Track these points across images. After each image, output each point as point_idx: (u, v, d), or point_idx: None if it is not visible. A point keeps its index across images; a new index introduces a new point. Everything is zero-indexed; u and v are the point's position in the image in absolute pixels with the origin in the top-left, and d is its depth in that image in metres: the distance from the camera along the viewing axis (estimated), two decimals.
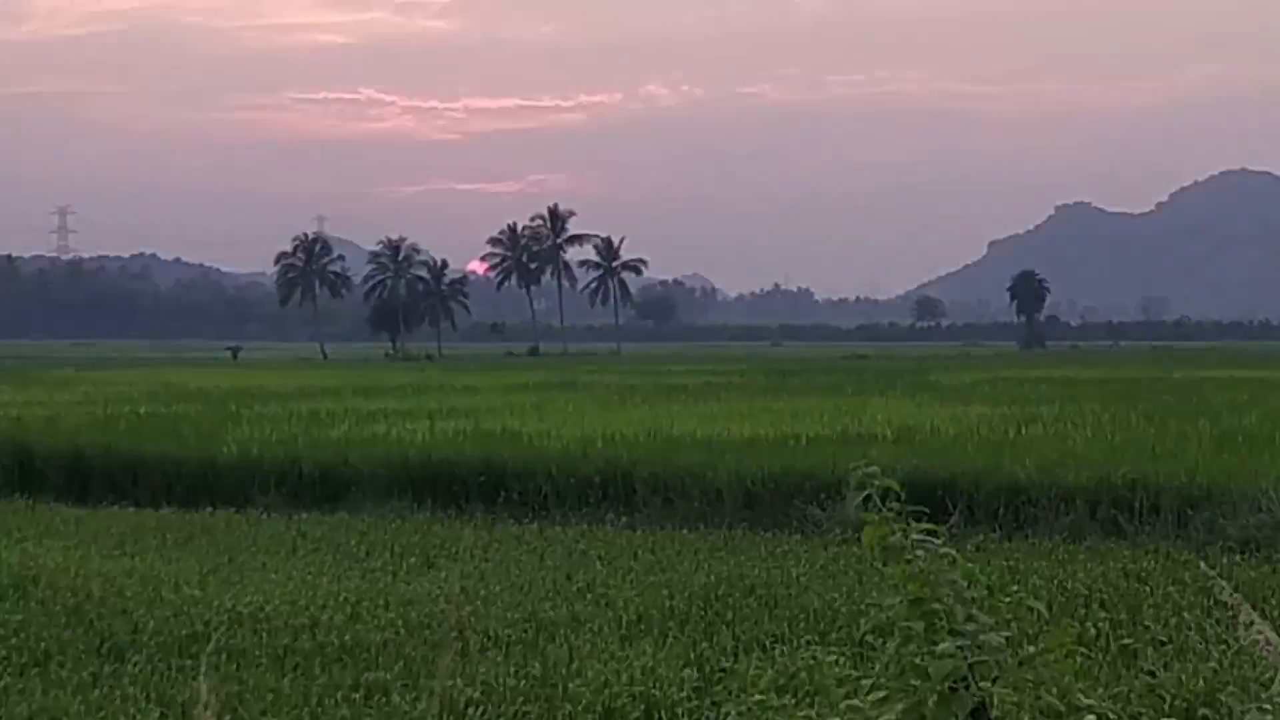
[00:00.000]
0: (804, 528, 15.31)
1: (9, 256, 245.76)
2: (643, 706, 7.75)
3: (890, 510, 3.04)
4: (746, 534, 15.08)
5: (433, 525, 16.20)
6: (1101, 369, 57.49)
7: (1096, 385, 39.55)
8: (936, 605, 2.95)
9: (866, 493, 3.05)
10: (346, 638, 9.76)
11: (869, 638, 8.40)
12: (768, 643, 9.45)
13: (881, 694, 3.03)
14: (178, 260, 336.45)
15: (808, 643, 9.19)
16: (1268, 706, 3.12)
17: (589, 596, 11.32)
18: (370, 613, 10.62)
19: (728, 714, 3.39)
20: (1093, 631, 9.23)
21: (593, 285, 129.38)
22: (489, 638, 9.72)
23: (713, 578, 11.95)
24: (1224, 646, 8.56)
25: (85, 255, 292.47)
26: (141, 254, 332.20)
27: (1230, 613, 8.20)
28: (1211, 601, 10.12)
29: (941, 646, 2.87)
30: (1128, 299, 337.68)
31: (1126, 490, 15.26)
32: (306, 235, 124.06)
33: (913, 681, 2.90)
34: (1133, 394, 33.81)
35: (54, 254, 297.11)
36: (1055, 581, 11.18)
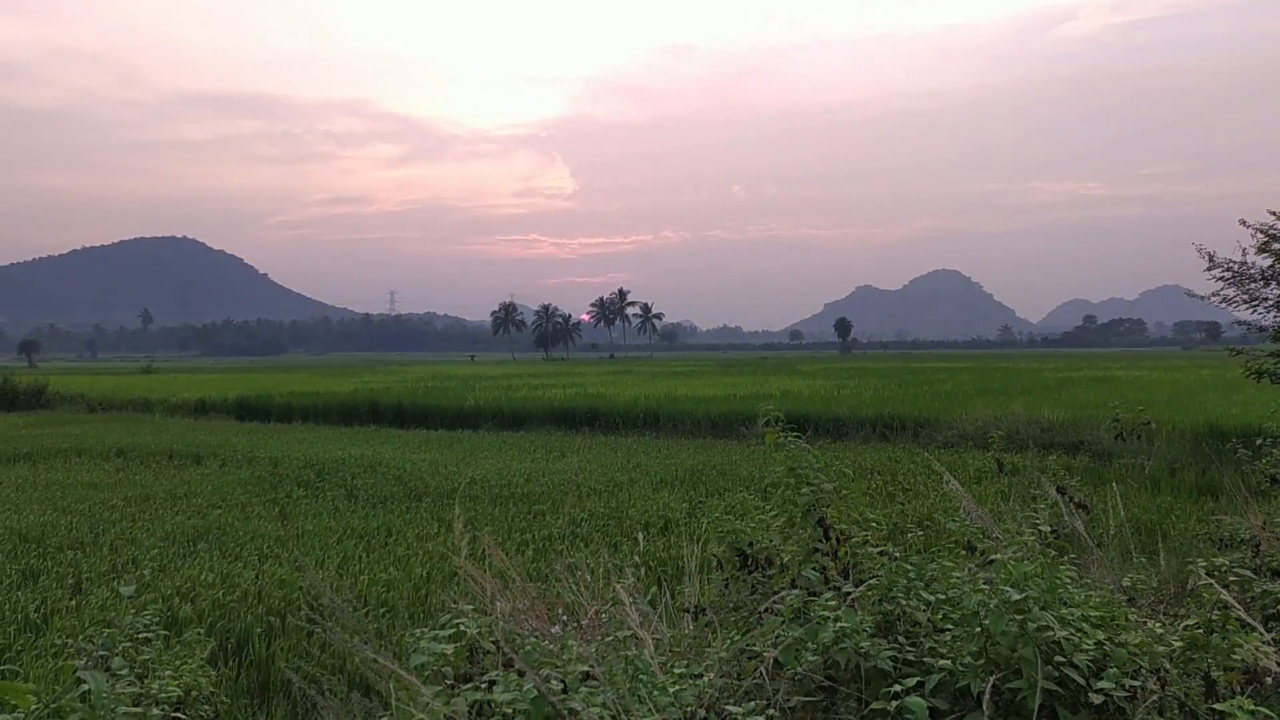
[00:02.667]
0: (738, 438, 26.21)
1: (367, 314, 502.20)
2: (663, 521, 13.39)
3: (778, 427, 4.99)
4: (711, 441, 25.82)
5: (564, 438, 27.61)
6: (877, 363, 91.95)
7: (875, 371, 62.18)
8: (800, 471, 4.77)
9: (767, 419, 5.05)
10: (524, 490, 16.70)
11: (769, 488, 15.86)
12: (721, 491, 15.94)
13: (775, 513, 4.90)
14: (445, 314, 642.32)
15: (740, 491, 14.86)
16: (956, 520, 5.35)
17: (637, 470, 19.05)
18: (535, 478, 18.11)
19: (704, 523, 5.08)
20: (874, 485, 16.11)
21: (638, 325, 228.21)
22: (591, 489, 16.44)
23: (695, 461, 20.42)
24: (936, 493, 14.86)
25: (402, 312, 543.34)
26: (430, 312, 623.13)
27: (938, 477, 13.02)
28: (930, 471, 17.03)
29: (803, 490, 4.62)
30: (889, 330, 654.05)
31: (889, 419, 26.15)
32: (505, 303, 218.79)
33: (790, 507, 4.73)
34: (891, 375, 53.80)
35: (388, 312, 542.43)
36: (856, 462, 18.95)
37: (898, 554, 4.40)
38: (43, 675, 7.10)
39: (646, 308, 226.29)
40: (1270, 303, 15.36)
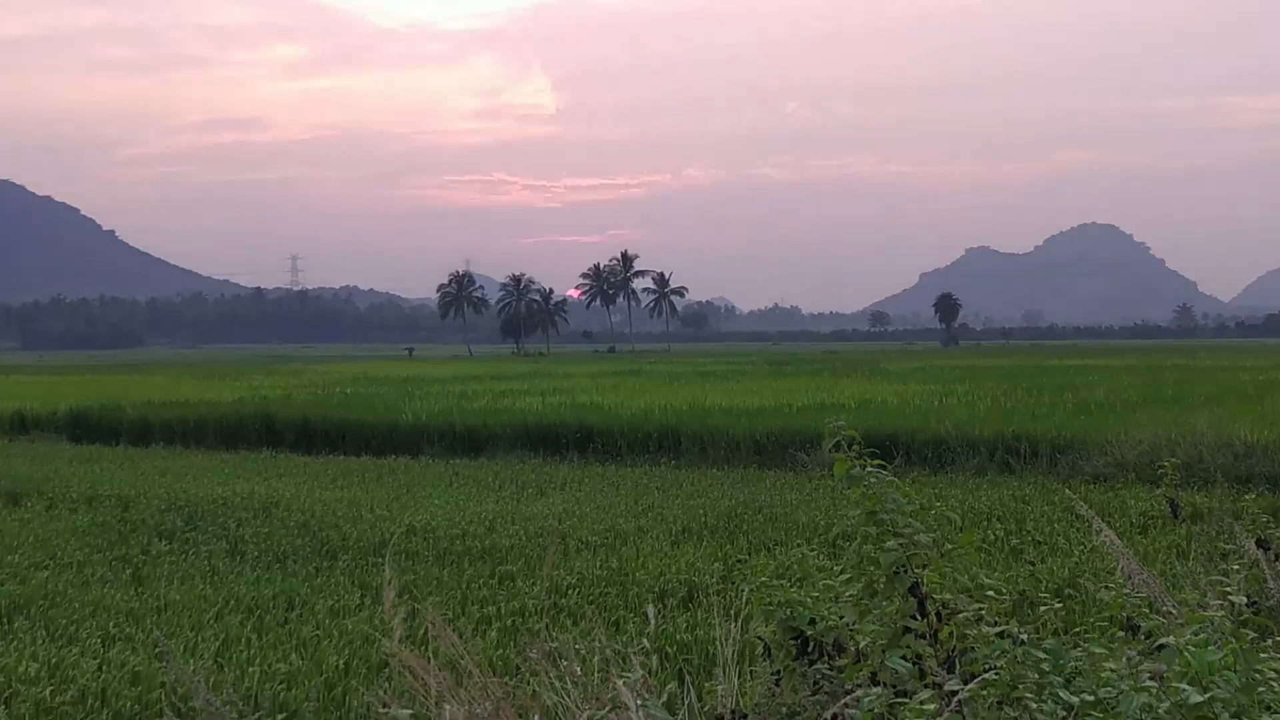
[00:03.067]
0: (795, 468, 26.10)
1: (259, 288, 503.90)
2: (686, 589, 13.43)
3: (852, 452, 5.02)
4: (756, 472, 26.07)
5: (543, 467, 27.85)
6: (996, 359, 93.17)
7: (993, 371, 62.89)
8: (884, 516, 4.78)
9: (836, 439, 5.08)
10: (486, 543, 16.68)
11: (839, 540, 14.15)
12: (771, 545, 16.02)
13: (847, 576, 4.93)
14: (371, 289, 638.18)
15: (798, 545, 15.27)
16: (1111, 586, 5.24)
17: (650, 514, 19.22)
18: (502, 526, 18.04)
19: (743, 592, 5.27)
20: (992, 536, 15.89)
21: (651, 304, 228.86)
22: (582, 542, 16.50)
23: (733, 501, 20.43)
24: (1082, 547, 14.80)
25: (310, 287, 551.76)
26: (348, 285, 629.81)
27: (1086, 524, 13.15)
28: (1073, 516, 16.51)
29: (888, 544, 4.63)
30: (1014, 312, 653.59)
31: (1014, 441, 26.06)
32: (459, 272, 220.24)
33: (869, 568, 4.75)
34: (1018, 376, 54.46)
35: (289, 286, 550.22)
36: (966, 503, 19.10)
37: (1025, 636, 4.47)
38: None
39: (662, 279, 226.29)
40: None
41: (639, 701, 4.68)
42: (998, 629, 4.52)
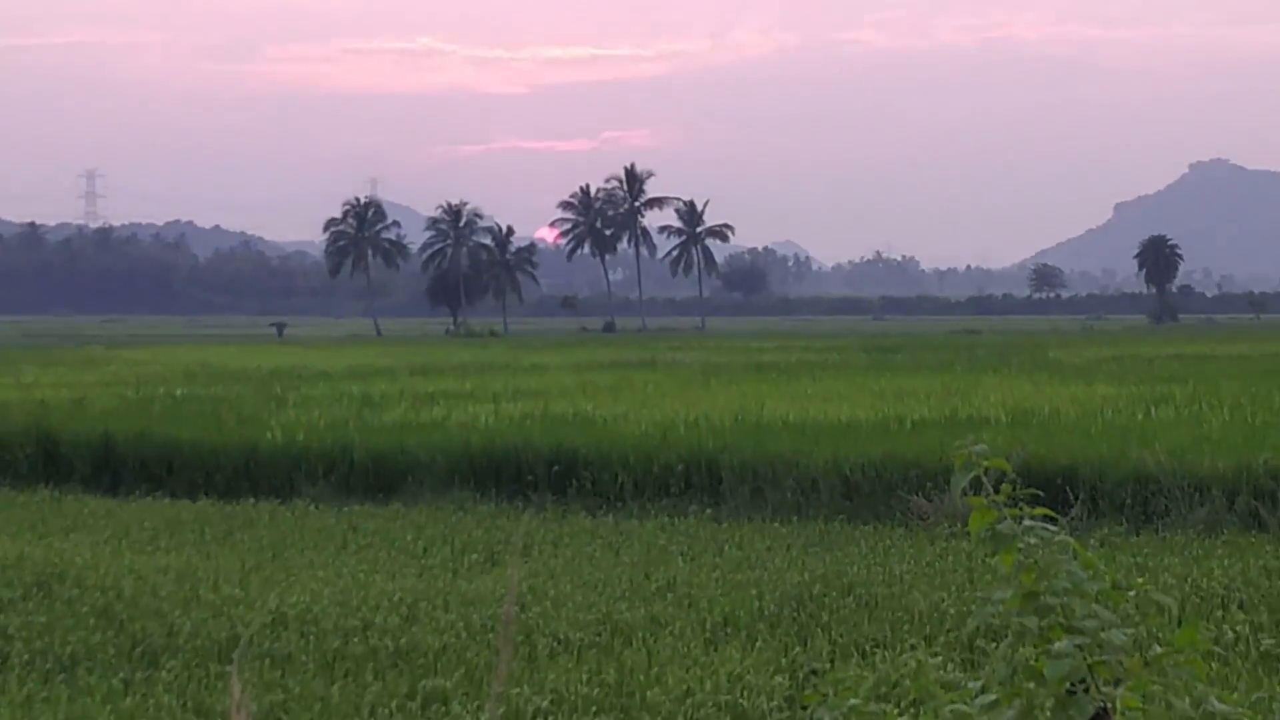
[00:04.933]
0: (908, 520, 20.20)
1: (32, 224, 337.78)
2: (728, 718, 10.51)
3: (1001, 495, 3.91)
4: (844, 527, 20.23)
5: (497, 518, 21.64)
6: (1241, 344, 71.64)
7: (1235, 362, 51.31)
8: (1052, 599, 3.83)
9: (973, 474, 3.90)
10: (402, 641, 12.97)
11: (979, 640, 11.54)
12: (867, 647, 12.58)
13: (991, 698, 3.98)
14: (216, 228, 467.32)
15: (911, 646, 12.21)
16: None
17: (670, 596, 15.08)
18: (428, 614, 14.05)
19: (820, 719, 4.42)
20: (1230, 634, 12.36)
21: (674, 254, 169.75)
22: (559, 641, 12.90)
23: (807, 576, 15.95)
24: None
25: (115, 223, 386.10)
26: (177, 221, 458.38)
27: None
28: None
29: (1057, 645, 3.74)
30: (1271, 267, 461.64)
31: (1269, 479, 19.74)
32: (358, 200, 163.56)
33: (1026, 684, 3.86)
34: (1276, 372, 42.88)
35: (81, 221, 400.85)
36: (1189, 579, 14.80)
37: None
38: None
39: (693, 212, 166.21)
40: None
41: None
42: None
